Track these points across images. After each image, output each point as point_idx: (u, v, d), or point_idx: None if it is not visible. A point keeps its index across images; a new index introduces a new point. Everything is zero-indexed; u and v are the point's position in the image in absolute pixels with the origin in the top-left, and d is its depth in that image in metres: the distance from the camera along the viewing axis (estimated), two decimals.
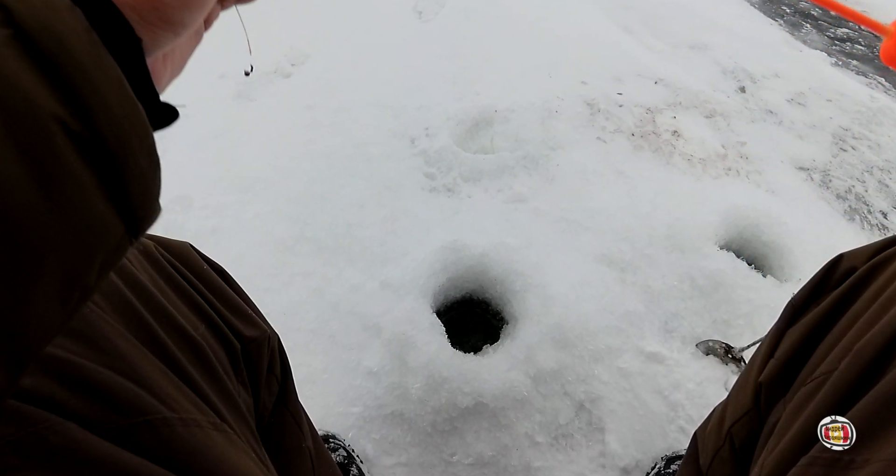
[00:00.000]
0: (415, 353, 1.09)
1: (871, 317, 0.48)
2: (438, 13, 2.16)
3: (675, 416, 1.10)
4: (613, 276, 1.31)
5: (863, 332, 0.48)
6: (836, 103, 2.02)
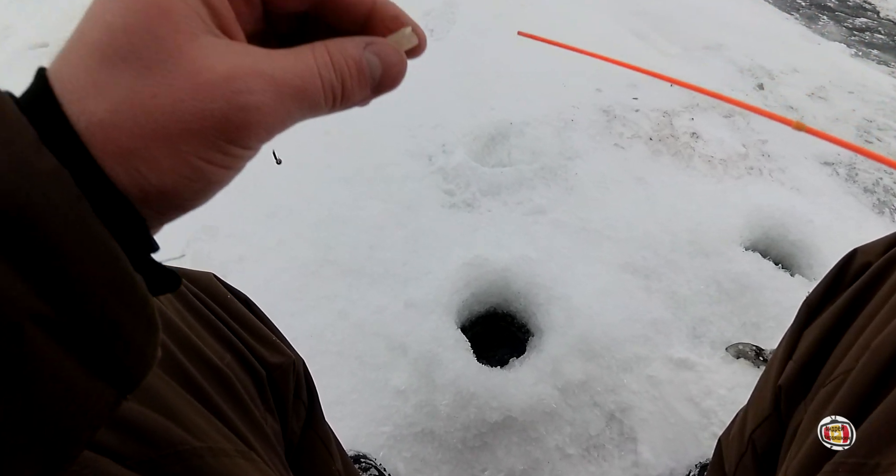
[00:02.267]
0: (442, 370, 1.10)
1: (888, 313, 0.47)
2: (449, 31, 2.19)
3: (707, 423, 1.09)
4: (637, 284, 1.31)
5: (880, 329, 0.47)
6: (858, 95, 1.98)
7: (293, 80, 0.24)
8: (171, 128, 0.21)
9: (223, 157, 0.23)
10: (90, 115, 0.21)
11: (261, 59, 0.23)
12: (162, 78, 0.21)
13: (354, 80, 0.26)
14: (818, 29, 2.47)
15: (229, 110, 0.22)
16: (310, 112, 0.25)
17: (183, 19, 0.22)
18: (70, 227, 0.19)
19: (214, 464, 0.41)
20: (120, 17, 0.22)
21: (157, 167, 0.22)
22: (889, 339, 0.45)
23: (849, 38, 2.43)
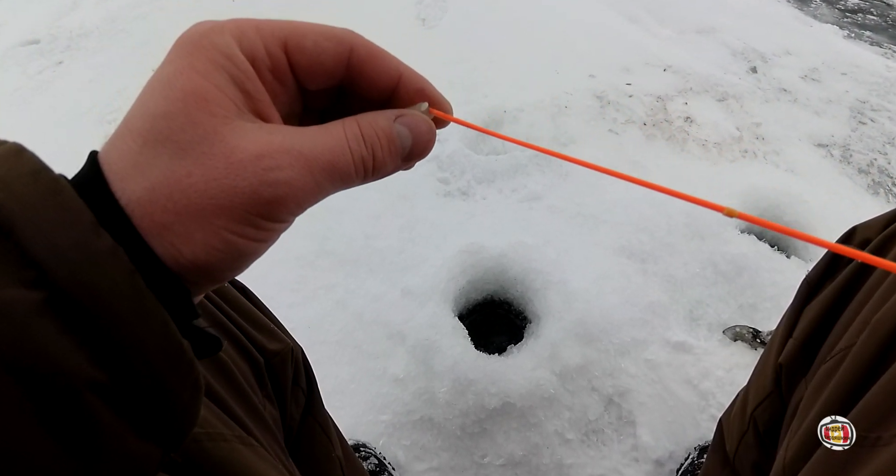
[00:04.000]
0: (440, 358, 1.10)
1: (888, 288, 0.47)
2: (442, 19, 2.17)
3: (706, 405, 1.09)
4: (634, 268, 1.31)
5: (880, 305, 0.47)
6: (851, 76, 1.98)
7: (323, 155, 0.25)
8: (204, 204, 0.23)
9: (255, 231, 0.24)
10: (130, 194, 0.23)
11: (290, 137, 0.25)
12: (196, 158, 0.23)
13: (385, 151, 0.27)
14: (811, 11, 2.46)
15: (259, 186, 0.23)
16: (342, 184, 0.26)
17: (217, 105, 0.24)
18: (126, 300, 0.21)
19: (213, 449, 0.41)
20: (161, 104, 0.24)
21: (190, 241, 0.23)
22: (889, 314, 0.45)
23: (841, 20, 2.42)
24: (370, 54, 0.28)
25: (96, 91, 2.07)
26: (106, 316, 0.21)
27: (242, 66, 0.25)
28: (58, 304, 0.20)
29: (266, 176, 0.23)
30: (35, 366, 0.19)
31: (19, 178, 0.21)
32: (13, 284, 0.20)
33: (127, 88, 2.05)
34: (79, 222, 0.21)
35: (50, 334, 0.20)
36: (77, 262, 0.20)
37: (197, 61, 0.24)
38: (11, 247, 0.20)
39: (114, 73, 2.15)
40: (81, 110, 1.98)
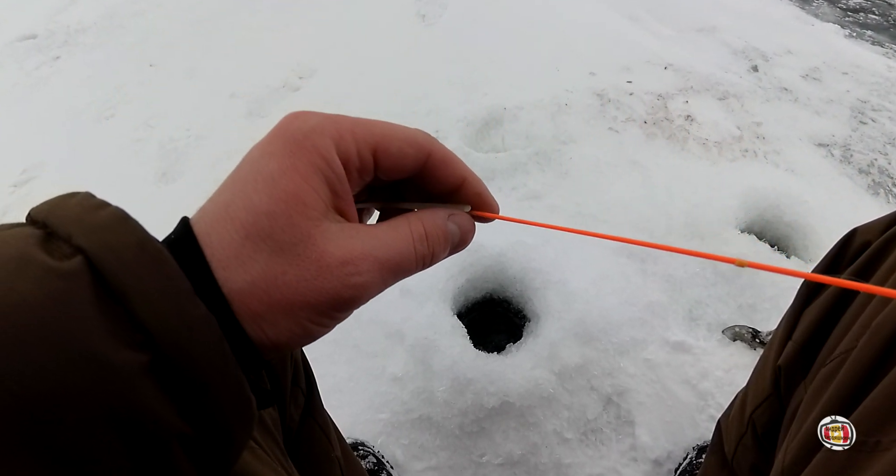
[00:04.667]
0: (438, 357, 1.10)
1: None
2: (441, 16, 2.17)
3: (704, 406, 1.09)
4: (634, 268, 1.31)
5: (880, 308, 0.46)
6: (852, 76, 1.98)
7: (394, 258, 0.29)
8: (294, 300, 0.26)
9: (330, 321, 0.28)
10: (233, 284, 0.26)
11: (368, 241, 0.28)
12: (291, 259, 0.26)
13: (442, 247, 0.31)
14: (812, 10, 2.46)
15: (342, 289, 0.27)
16: (402, 277, 0.30)
17: (313, 208, 0.27)
18: (214, 362, 0.24)
19: None
20: (265, 202, 0.27)
21: (277, 328, 0.27)
22: (889, 317, 0.44)
23: (843, 19, 2.42)
24: (443, 160, 0.32)
25: (94, 87, 2.06)
26: (196, 376, 0.23)
27: (338, 172, 0.28)
28: (158, 365, 0.23)
29: (348, 280, 0.27)
30: (137, 419, 0.22)
31: (129, 249, 0.24)
32: (125, 347, 0.22)
33: (124, 85, 2.04)
34: (180, 292, 0.24)
35: (151, 391, 0.22)
36: (178, 327, 0.23)
37: (300, 163, 0.27)
38: (122, 312, 0.22)
39: (111, 69, 2.14)
40: (79, 107, 1.97)
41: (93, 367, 0.21)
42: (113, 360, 0.21)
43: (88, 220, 0.24)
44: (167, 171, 1.67)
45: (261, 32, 2.20)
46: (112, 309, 0.22)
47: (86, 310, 0.22)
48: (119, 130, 1.85)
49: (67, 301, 0.22)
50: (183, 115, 1.86)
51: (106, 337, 0.22)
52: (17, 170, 1.76)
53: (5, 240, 0.24)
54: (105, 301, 0.22)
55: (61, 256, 0.23)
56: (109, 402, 0.21)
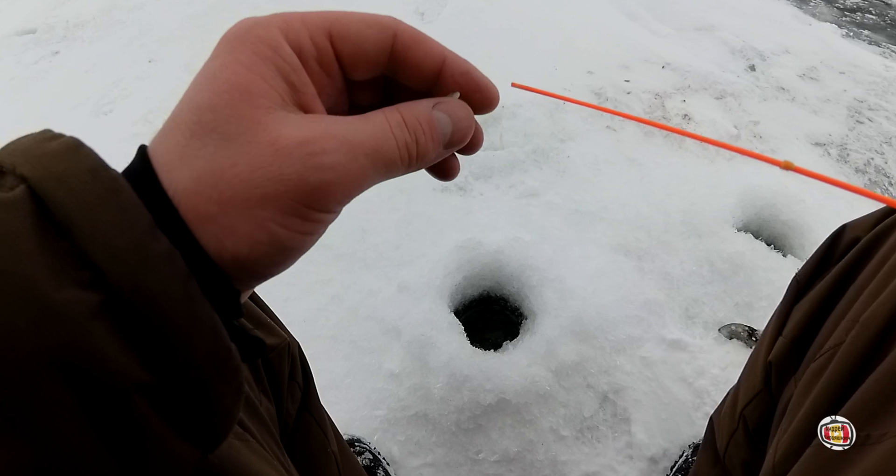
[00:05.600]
0: (435, 354, 1.10)
1: (877, 286, 0.47)
2: (440, 13, 2.16)
3: (700, 403, 1.09)
4: (631, 266, 1.31)
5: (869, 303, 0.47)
6: (849, 75, 1.98)
7: (367, 141, 0.25)
8: (249, 194, 0.23)
9: (301, 222, 0.24)
10: (177, 184, 0.23)
11: (333, 124, 0.25)
12: (240, 148, 0.23)
13: (427, 136, 0.27)
14: (809, 9, 2.46)
15: (305, 172, 0.23)
16: (386, 171, 0.26)
17: (263, 96, 0.24)
18: (180, 305, 0.21)
19: None
20: (206, 96, 0.24)
21: (234, 233, 0.23)
22: (877, 312, 0.45)
23: (840, 19, 2.42)
24: (413, 39, 0.28)
25: (92, 82, 2.05)
26: (159, 320, 0.21)
27: (288, 59, 0.25)
28: (112, 307, 0.20)
29: (312, 161, 0.23)
30: (88, 368, 0.19)
31: (77, 176, 0.21)
32: (70, 285, 0.19)
33: (123, 79, 2.04)
34: (137, 224, 0.21)
35: (104, 337, 0.20)
36: (134, 265, 0.20)
37: (242, 55, 0.24)
38: (69, 247, 0.20)
39: (110, 63, 2.13)
40: (77, 101, 1.97)
41: (30, 306, 0.19)
42: (55, 298, 0.19)
43: (36, 149, 0.22)
44: None
45: None
46: (56, 243, 0.20)
47: (23, 243, 0.19)
48: (117, 125, 1.85)
49: (4, 234, 0.19)
50: None
51: (47, 274, 0.19)
52: None
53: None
54: (48, 234, 0.20)
55: (7, 189, 0.21)
56: (51, 346, 0.19)
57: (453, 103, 0.29)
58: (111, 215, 0.21)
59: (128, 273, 0.20)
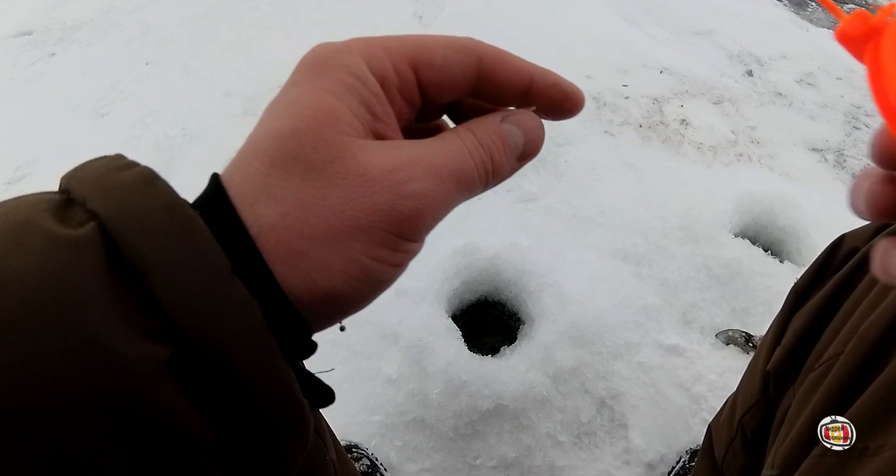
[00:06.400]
0: (433, 359, 1.10)
1: (875, 297, 0.47)
2: (438, 16, 2.17)
3: (698, 409, 1.09)
4: (628, 271, 1.31)
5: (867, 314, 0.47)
6: (846, 81, 1.99)
7: (449, 163, 0.24)
8: (342, 227, 0.22)
9: (392, 254, 0.23)
10: (263, 220, 0.21)
11: (415, 149, 0.24)
12: (329, 179, 0.22)
13: (501, 152, 0.26)
14: (807, 15, 2.47)
15: (396, 200, 0.22)
16: (468, 192, 0.25)
17: (346, 123, 0.23)
18: (255, 360, 0.20)
19: None
20: (287, 123, 0.23)
21: (327, 269, 0.22)
22: (876, 323, 0.45)
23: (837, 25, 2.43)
24: (498, 59, 0.28)
25: (90, 84, 2.05)
26: (232, 377, 0.19)
27: (373, 89, 0.24)
28: (183, 362, 0.19)
29: (402, 189, 0.22)
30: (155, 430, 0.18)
31: (152, 214, 0.19)
32: (140, 338, 0.18)
33: (120, 81, 2.03)
34: (215, 271, 0.19)
35: (173, 396, 0.18)
36: (210, 316, 0.19)
37: (327, 82, 0.23)
38: (141, 294, 0.19)
39: (107, 66, 2.13)
40: (74, 103, 1.96)
41: (97, 360, 0.17)
42: (124, 353, 0.18)
43: (108, 180, 0.20)
44: (162, 169, 1.66)
45: (258, 31, 2.19)
46: (127, 289, 0.19)
47: (93, 289, 0.18)
48: (114, 127, 1.84)
49: (71, 276, 0.18)
50: (178, 113, 1.85)
51: (117, 324, 0.18)
52: (12, 166, 1.75)
53: (17, 206, 0.20)
54: (119, 278, 0.19)
55: (75, 224, 0.19)
56: (116, 403, 0.17)
57: (522, 114, 0.28)
58: (188, 260, 0.19)
59: (203, 325, 0.19)
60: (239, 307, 0.19)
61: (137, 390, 0.18)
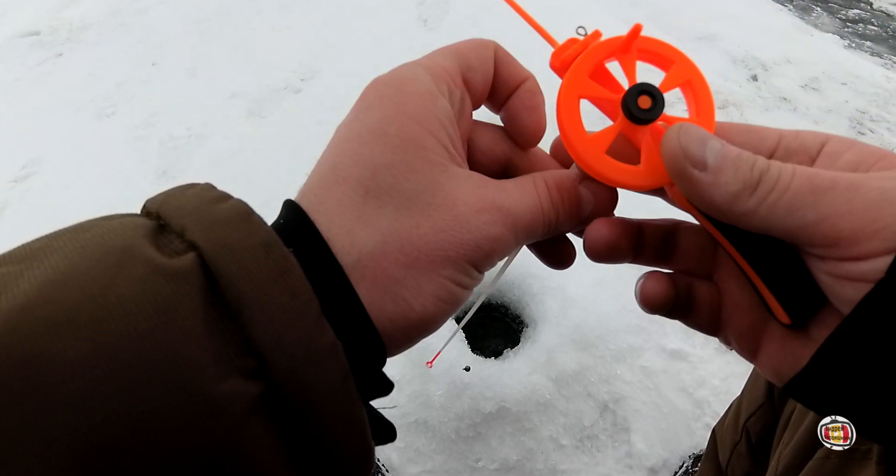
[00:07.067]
0: (436, 361, 1.10)
1: None
2: (443, 20, 2.17)
3: (701, 414, 1.09)
4: (632, 274, 1.31)
5: None
6: (851, 86, 1.99)
7: (525, 216, 0.26)
8: (434, 255, 0.23)
9: (470, 280, 0.25)
10: (361, 246, 0.22)
11: (498, 193, 0.25)
12: (421, 209, 0.23)
13: (568, 213, 0.28)
14: (811, 20, 2.47)
15: (480, 239, 0.24)
16: (528, 240, 0.27)
17: (434, 153, 0.24)
18: (338, 404, 0.20)
19: None
20: (378, 152, 0.24)
21: (421, 294, 0.23)
22: None
23: (842, 30, 2.43)
24: (505, 52, 0.30)
25: (96, 84, 2.06)
26: (315, 419, 0.20)
27: (445, 111, 0.25)
28: (269, 401, 0.19)
29: (485, 231, 0.24)
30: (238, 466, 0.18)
31: (251, 251, 0.20)
32: (232, 375, 0.18)
33: (126, 82, 2.04)
34: (307, 312, 0.20)
35: (258, 436, 0.18)
36: (300, 358, 0.19)
37: (409, 107, 0.24)
38: (236, 330, 0.19)
39: (113, 66, 2.14)
40: (80, 103, 1.97)
41: (192, 398, 0.17)
42: (218, 391, 0.18)
43: (207, 212, 0.21)
44: (167, 169, 1.67)
45: (263, 33, 2.20)
46: (223, 325, 0.19)
47: (192, 323, 0.18)
48: (120, 128, 1.85)
49: (173, 309, 0.18)
50: (184, 113, 1.86)
51: (212, 362, 0.18)
52: (18, 165, 1.75)
53: (113, 228, 0.20)
54: (216, 314, 0.19)
55: (171, 253, 0.19)
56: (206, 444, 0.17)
57: (598, 185, 0.29)
58: (283, 299, 0.19)
59: (293, 367, 0.19)
60: (327, 350, 0.20)
61: (227, 430, 0.18)
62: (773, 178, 0.23)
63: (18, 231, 1.58)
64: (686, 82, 0.30)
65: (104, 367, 0.17)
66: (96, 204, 1.60)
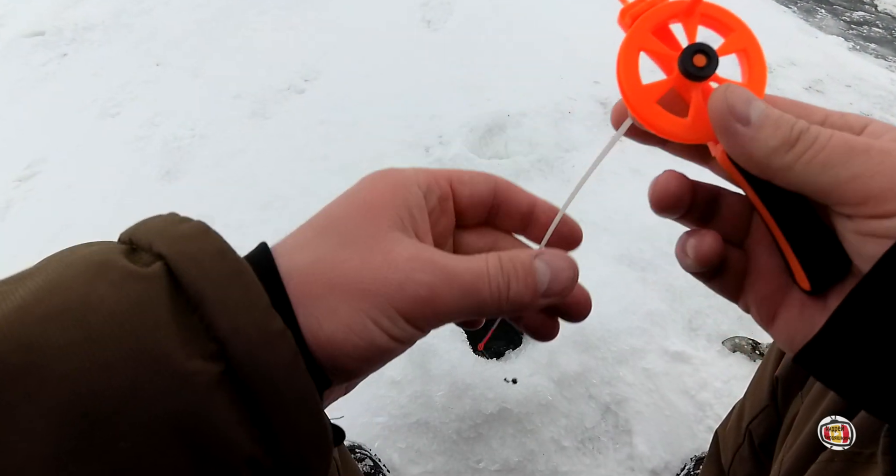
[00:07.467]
0: (437, 361, 1.10)
1: None
2: (447, 21, 2.17)
3: (703, 416, 1.09)
4: (634, 276, 1.31)
5: None
6: (855, 88, 1.98)
7: (464, 274, 0.27)
8: (355, 285, 0.25)
9: (391, 326, 0.26)
10: (297, 262, 0.26)
11: (440, 255, 0.28)
12: (359, 250, 0.27)
13: (521, 282, 0.28)
14: (816, 22, 2.47)
15: (405, 281, 0.26)
16: (476, 307, 0.27)
17: (387, 219, 0.28)
18: (290, 380, 0.23)
19: None
20: (342, 208, 0.29)
21: (333, 317, 0.25)
22: None
23: (846, 32, 2.43)
24: (509, 187, 0.34)
25: (99, 85, 2.06)
26: (271, 393, 0.22)
27: (415, 196, 0.30)
28: (230, 379, 0.22)
29: (413, 275, 0.26)
30: (207, 437, 0.21)
31: (209, 257, 0.24)
32: (197, 356, 0.22)
33: (130, 82, 2.05)
34: (258, 303, 0.23)
35: (222, 407, 0.22)
36: (254, 340, 0.22)
37: (380, 185, 0.29)
38: (198, 320, 0.22)
39: (117, 66, 2.15)
40: (84, 103, 1.98)
41: (162, 372, 0.21)
42: (185, 367, 0.21)
43: (171, 230, 0.25)
44: (171, 169, 1.68)
45: (267, 34, 2.20)
46: (187, 316, 0.22)
47: (161, 314, 0.22)
48: (124, 128, 1.86)
49: (144, 303, 0.22)
50: (187, 114, 1.87)
51: (179, 344, 0.21)
52: (22, 164, 1.76)
53: (93, 251, 0.24)
54: (181, 307, 0.22)
55: (142, 264, 0.23)
56: (177, 410, 0.21)
57: (555, 254, 0.30)
58: (237, 293, 0.23)
59: (249, 348, 0.22)
60: (277, 334, 0.23)
61: (194, 400, 0.21)
62: (812, 137, 0.25)
63: (22, 230, 1.59)
64: (742, 49, 0.31)
65: (89, 350, 0.20)
66: (100, 203, 1.60)
